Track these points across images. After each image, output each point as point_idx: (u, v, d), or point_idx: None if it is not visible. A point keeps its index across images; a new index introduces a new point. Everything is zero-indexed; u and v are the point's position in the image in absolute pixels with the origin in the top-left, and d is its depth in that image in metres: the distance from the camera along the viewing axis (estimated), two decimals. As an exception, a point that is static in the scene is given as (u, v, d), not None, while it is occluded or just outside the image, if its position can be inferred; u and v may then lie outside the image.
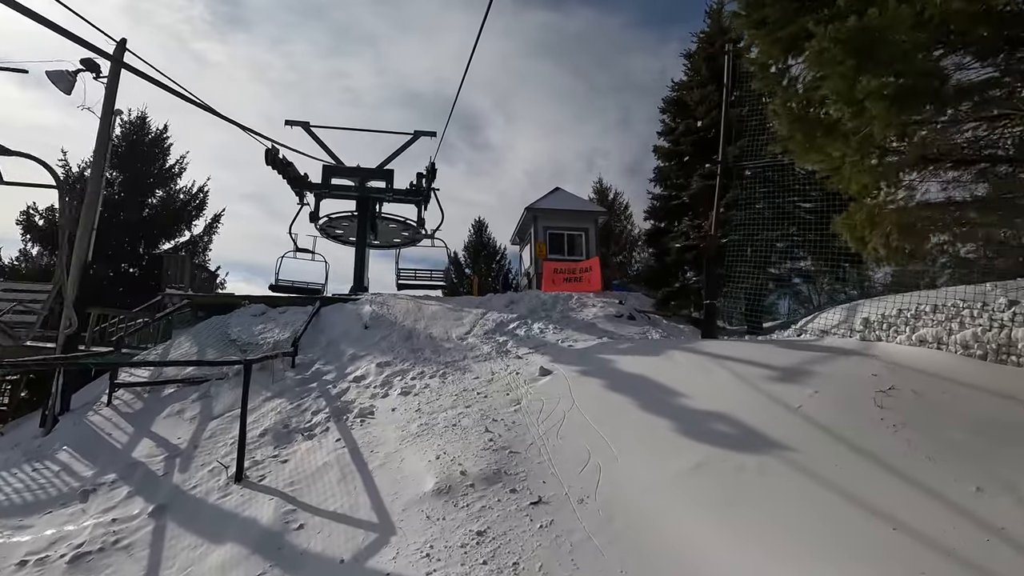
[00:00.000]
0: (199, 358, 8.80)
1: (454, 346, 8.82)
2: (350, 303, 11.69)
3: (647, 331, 9.97)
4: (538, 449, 4.85)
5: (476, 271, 31.98)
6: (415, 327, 10.05)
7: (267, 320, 10.60)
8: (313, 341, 9.46)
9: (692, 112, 13.18)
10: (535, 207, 15.65)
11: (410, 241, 16.81)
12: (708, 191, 11.39)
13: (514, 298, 12.17)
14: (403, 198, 13.98)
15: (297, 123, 13.42)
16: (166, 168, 22.32)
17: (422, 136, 14.41)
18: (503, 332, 9.65)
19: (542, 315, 10.80)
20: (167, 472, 5.55)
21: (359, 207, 14.24)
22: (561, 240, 15.57)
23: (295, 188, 12.89)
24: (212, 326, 10.07)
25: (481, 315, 10.94)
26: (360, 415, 6.29)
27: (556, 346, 8.33)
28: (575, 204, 16.09)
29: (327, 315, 10.94)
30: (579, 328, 9.73)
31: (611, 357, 7.09)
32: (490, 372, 7.21)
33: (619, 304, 11.62)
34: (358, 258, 14.28)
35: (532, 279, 15.61)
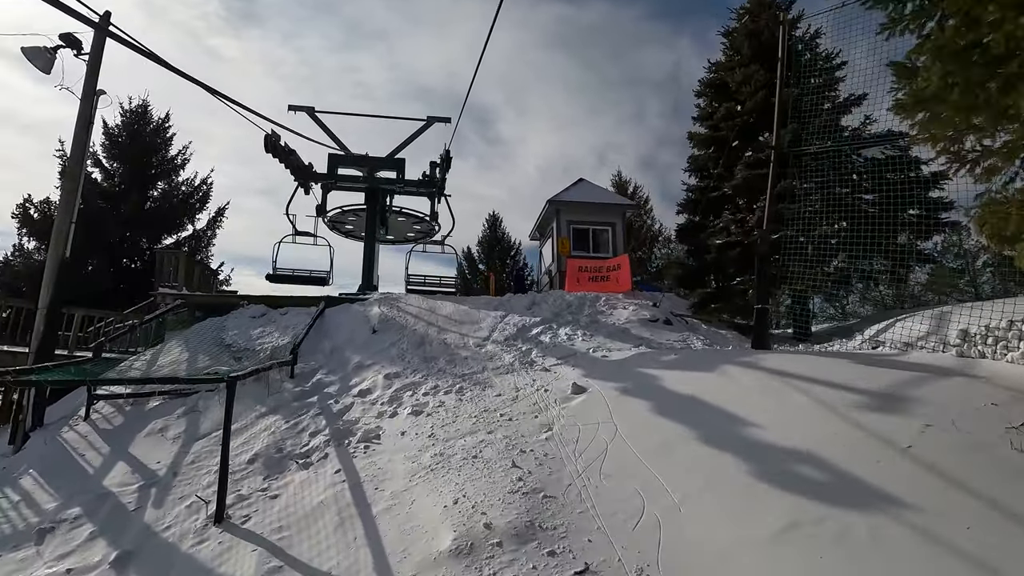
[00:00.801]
0: (189, 365, 8.19)
1: (471, 355, 8.08)
2: (357, 303, 11.02)
3: (687, 338, 9.13)
4: (578, 492, 4.08)
5: (491, 267, 31.22)
6: (428, 332, 9.34)
7: (267, 323, 9.97)
8: (315, 347, 8.80)
9: (733, 95, 12.23)
10: (558, 199, 14.81)
11: (423, 235, 16.14)
12: (756, 181, 10.48)
13: (536, 299, 11.40)
14: (415, 189, 13.26)
15: (301, 108, 12.76)
16: (168, 159, 21.88)
17: (436, 122, 13.68)
18: (526, 338, 8.89)
19: (568, 319, 10.01)
20: (139, 506, 4.90)
21: (368, 199, 13.56)
22: (586, 235, 14.73)
23: (298, 178, 12.24)
24: (206, 329, 9.46)
25: (500, 318, 10.19)
26: (364, 439, 5.57)
27: (588, 356, 7.54)
28: (601, 196, 15.23)
29: (332, 317, 10.29)
30: (611, 334, 8.92)
31: (654, 372, 6.28)
32: (514, 388, 6.45)
33: (653, 307, 10.78)
34: (367, 254, 13.62)
35: (554, 278, 14.81)
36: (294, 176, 12.12)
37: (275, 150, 10.47)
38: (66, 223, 7.33)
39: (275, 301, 10.83)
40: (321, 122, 13.02)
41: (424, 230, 15.93)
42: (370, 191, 13.35)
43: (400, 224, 15.49)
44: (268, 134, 10.05)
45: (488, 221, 31.27)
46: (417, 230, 15.87)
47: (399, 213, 14.65)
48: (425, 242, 14.71)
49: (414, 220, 15.01)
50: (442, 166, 12.06)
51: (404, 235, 16.74)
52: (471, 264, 31.35)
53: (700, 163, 13.07)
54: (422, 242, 14.50)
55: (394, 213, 14.61)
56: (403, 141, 13.51)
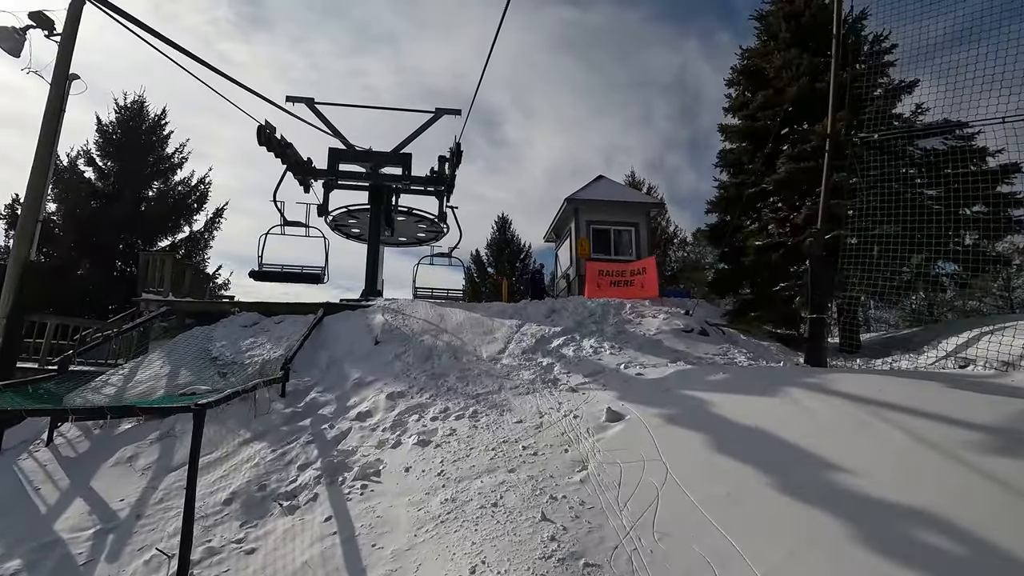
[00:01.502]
0: (169, 381, 7.49)
1: (485, 370, 7.30)
2: (359, 311, 10.30)
3: (727, 351, 8.29)
4: (628, 558, 3.28)
5: (500, 270, 30.51)
6: (436, 343, 8.58)
7: (259, 332, 9.26)
8: (311, 360, 8.07)
9: (771, 82, 11.40)
10: (576, 198, 14.03)
11: (431, 237, 15.43)
12: (800, 176, 9.62)
13: (555, 306, 10.61)
14: (422, 187, 12.54)
15: (300, 99, 12.10)
16: (165, 157, 21.41)
17: (445, 114, 12.95)
18: (546, 351, 8.10)
19: (592, 329, 9.21)
20: (91, 559, 4.16)
21: (372, 197, 12.86)
22: (606, 237, 13.91)
23: (296, 175, 11.56)
24: (192, 339, 8.78)
25: (517, 328, 9.41)
26: (362, 475, 4.81)
27: (619, 374, 6.73)
28: (622, 194, 14.42)
29: (331, 326, 9.57)
30: (642, 347, 8.10)
31: (702, 394, 5.46)
32: (536, 412, 5.65)
33: (685, 315, 9.94)
34: (370, 257, 12.90)
35: (572, 282, 14.01)
36: (292, 172, 11.45)
37: (269, 143, 9.79)
38: (31, 222, 6.66)
39: (269, 308, 10.13)
40: (321, 114, 12.35)
41: (432, 231, 15.22)
42: (374, 189, 12.64)
43: (406, 225, 14.78)
44: (261, 125, 9.37)
45: (497, 223, 31.02)
46: (424, 231, 15.15)
47: (407, 213, 13.93)
48: (433, 254, 14.25)
49: (421, 220, 14.28)
50: (452, 161, 11.33)
51: (411, 237, 16.03)
52: (480, 267, 30.79)
53: (733, 158, 12.23)
54: (429, 255, 14.04)
55: (401, 213, 13.90)
56: (410, 135, 12.80)
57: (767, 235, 10.16)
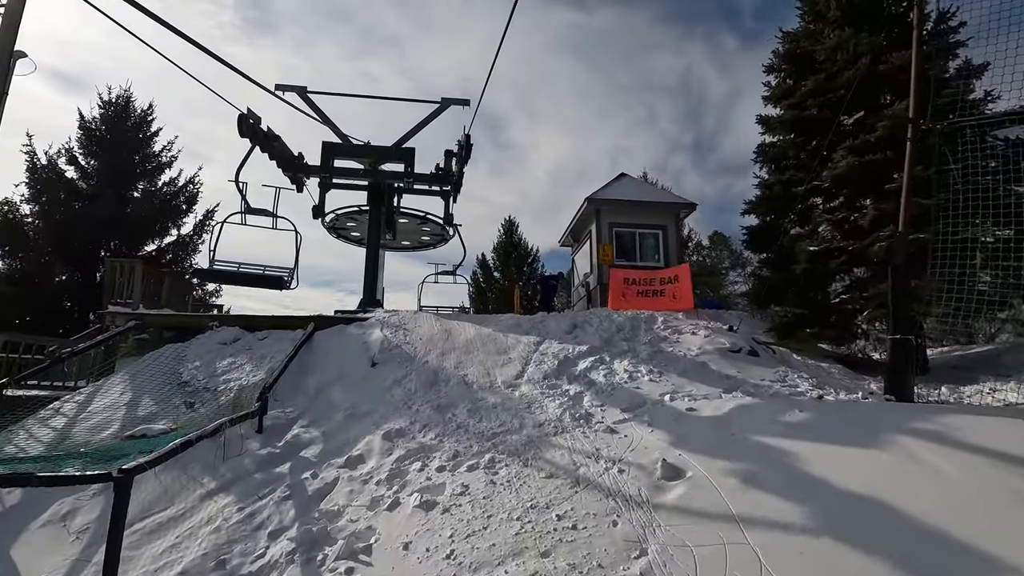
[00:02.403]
0: (129, 411, 6.58)
1: (502, 401, 6.31)
2: (355, 325, 9.36)
3: (785, 376, 7.27)
4: None
5: (506, 274, 29.60)
6: (443, 365, 7.62)
7: (239, 351, 8.33)
8: (297, 385, 7.14)
9: (821, 66, 10.39)
10: (598, 197, 13.03)
11: (435, 241, 14.52)
12: (863, 170, 8.59)
13: (577, 320, 9.62)
14: (426, 185, 11.62)
15: (291, 88, 11.21)
16: (151, 155, 20.65)
17: (452, 105, 12.03)
18: (572, 376, 7.11)
19: (623, 347, 8.22)
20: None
21: (371, 197, 11.94)
22: (632, 241, 12.90)
23: (286, 171, 10.66)
24: (161, 360, 7.86)
25: (535, 346, 8.44)
26: (348, 552, 3.83)
27: (666, 408, 5.72)
28: (648, 193, 13.42)
29: (322, 343, 8.63)
30: (687, 371, 7.09)
31: (781, 443, 4.44)
32: (570, 463, 4.65)
33: (729, 331, 8.92)
34: (369, 263, 11.99)
35: (593, 291, 13.00)
36: (280, 167, 10.55)
37: (253, 134, 8.88)
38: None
39: (252, 322, 9.21)
40: (315, 105, 11.46)
41: (437, 235, 14.28)
42: (373, 187, 11.73)
43: (409, 228, 13.84)
44: (242, 113, 8.46)
45: (504, 226, 30.45)
46: (429, 234, 14.22)
47: (410, 215, 13.00)
48: (437, 272, 13.42)
49: (425, 223, 13.35)
50: (460, 155, 10.38)
51: (414, 241, 15.11)
52: (486, 272, 30.11)
53: (777, 152, 11.20)
54: (434, 273, 13.41)
55: (404, 215, 12.98)
56: (413, 127, 11.88)
57: (822, 239, 9.11)
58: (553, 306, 15.77)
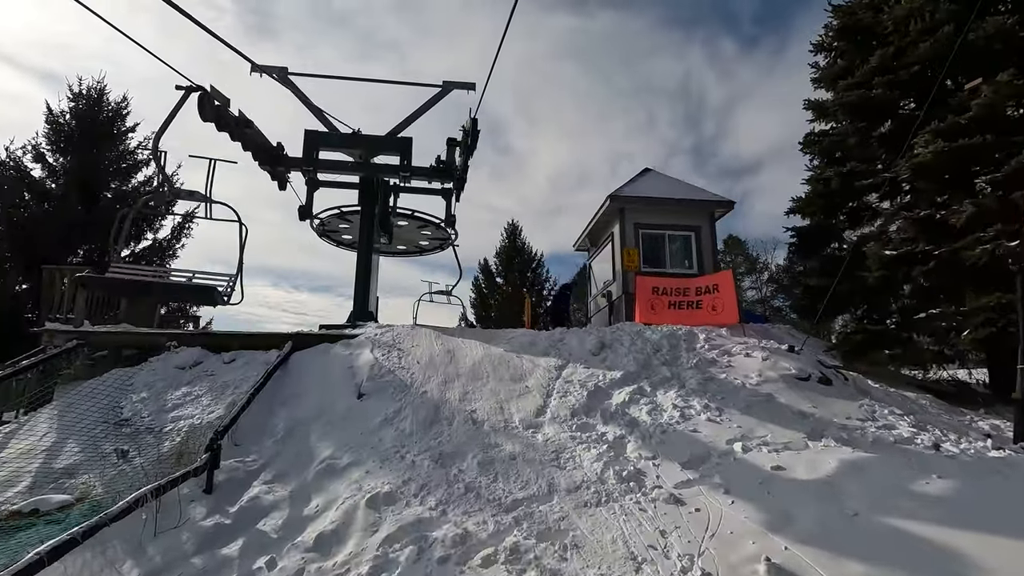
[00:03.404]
0: (48, 459, 5.41)
1: (522, 449, 5.09)
2: (341, 344, 8.18)
3: (873, 411, 6.04)
4: None
5: (510, 280, 28.49)
6: (445, 396, 6.42)
7: (198, 377, 7.15)
8: (264, 424, 5.95)
9: (888, 39, 9.18)
10: (622, 195, 11.79)
11: (436, 245, 13.40)
12: (951, 158, 7.36)
13: (605, 338, 8.41)
14: (426, 179, 10.46)
15: (270, 69, 10.06)
16: (126, 152, 19.58)
17: (455, 88, 10.87)
18: (608, 413, 5.89)
19: (665, 373, 7.00)
20: None
21: (363, 195, 10.78)
22: (660, 244, 11.68)
23: (263, 164, 9.50)
24: (102, 390, 6.65)
25: (556, 370, 7.24)
26: None
27: (740, 461, 4.51)
28: (677, 190, 12.20)
29: (300, 367, 7.46)
30: (752, 407, 5.86)
31: (934, 533, 3.22)
32: (627, 556, 3.41)
33: (790, 352, 7.69)
34: (360, 271, 10.81)
35: (616, 302, 11.78)
36: (256, 160, 9.39)
37: (218, 119, 7.70)
38: None
39: (218, 342, 8.02)
40: (298, 89, 10.30)
41: (437, 238, 13.13)
42: (365, 183, 10.57)
43: (407, 231, 12.70)
44: (204, 92, 7.27)
45: (507, 230, 30.00)
46: (428, 237, 13.08)
47: (410, 216, 11.87)
48: (432, 292, 12.34)
49: (425, 225, 12.21)
50: (464, 144, 9.20)
51: (411, 244, 13.97)
52: (488, 277, 29.43)
53: (833, 141, 9.98)
54: (429, 292, 12.21)
55: (401, 216, 11.83)
56: (411, 114, 10.72)
57: (901, 241, 7.86)
58: (567, 318, 14.54)
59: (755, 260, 31.32)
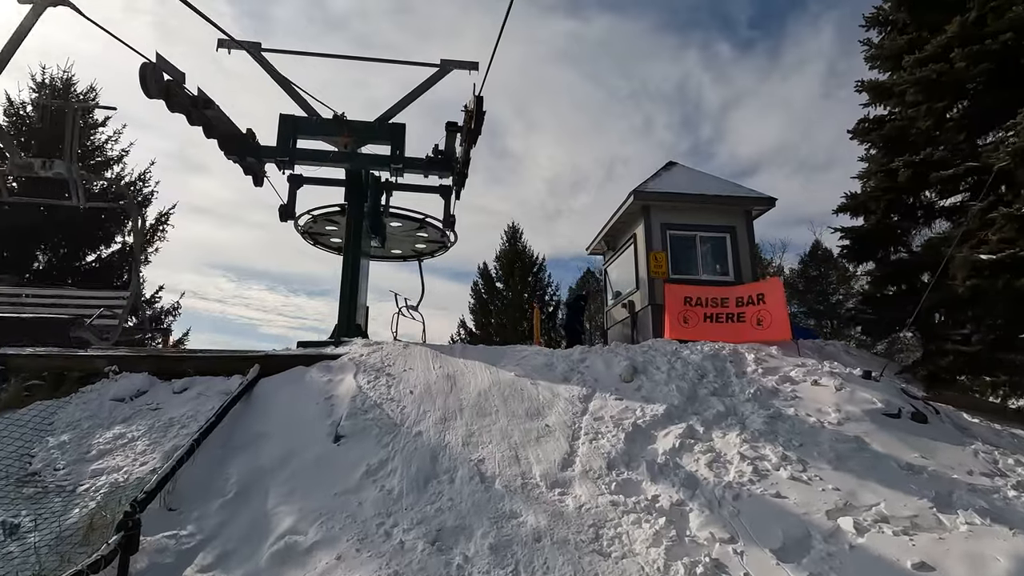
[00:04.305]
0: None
1: (547, 523, 3.92)
2: (319, 366, 7.05)
3: (994, 459, 4.86)
4: None
5: (510, 285, 27.38)
6: (444, 439, 5.27)
7: (138, 413, 5.99)
8: (210, 480, 4.80)
9: (965, 5, 8.03)
10: (647, 190, 10.57)
11: (438, 247, 12.35)
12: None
13: (636, 359, 7.26)
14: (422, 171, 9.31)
15: (240, 44, 8.91)
16: (93, 149, 18.44)
17: (454, 69, 9.73)
18: (656, 465, 4.72)
19: (718, 408, 5.84)
20: None
21: (350, 191, 9.64)
22: (690, 247, 10.49)
23: (229, 153, 8.34)
24: (13, 430, 5.47)
25: (581, 402, 6.11)
26: None
27: (856, 550, 3.34)
28: (708, 185, 11.02)
29: (266, 397, 6.32)
30: (842, 457, 4.69)
31: None
32: None
33: (865, 378, 6.52)
34: (346, 279, 9.68)
35: (640, 314, 10.59)
36: (221, 149, 8.25)
37: (168, 95, 6.54)
38: None
39: (169, 366, 6.86)
40: (272, 67, 9.14)
41: (436, 241, 11.99)
42: (352, 177, 9.43)
43: (401, 233, 11.56)
44: (147, 62, 6.10)
45: (507, 233, 29.38)
46: (426, 240, 11.96)
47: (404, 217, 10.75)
48: (401, 306, 11.33)
49: (421, 226, 11.08)
50: (467, 128, 8.03)
51: (407, 249, 12.82)
52: (488, 282, 28.65)
53: (897, 127, 8.80)
54: (397, 308, 11.06)
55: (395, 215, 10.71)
56: (404, 97, 9.57)
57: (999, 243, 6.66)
58: (580, 333, 13.35)
59: (767, 264, 30.26)
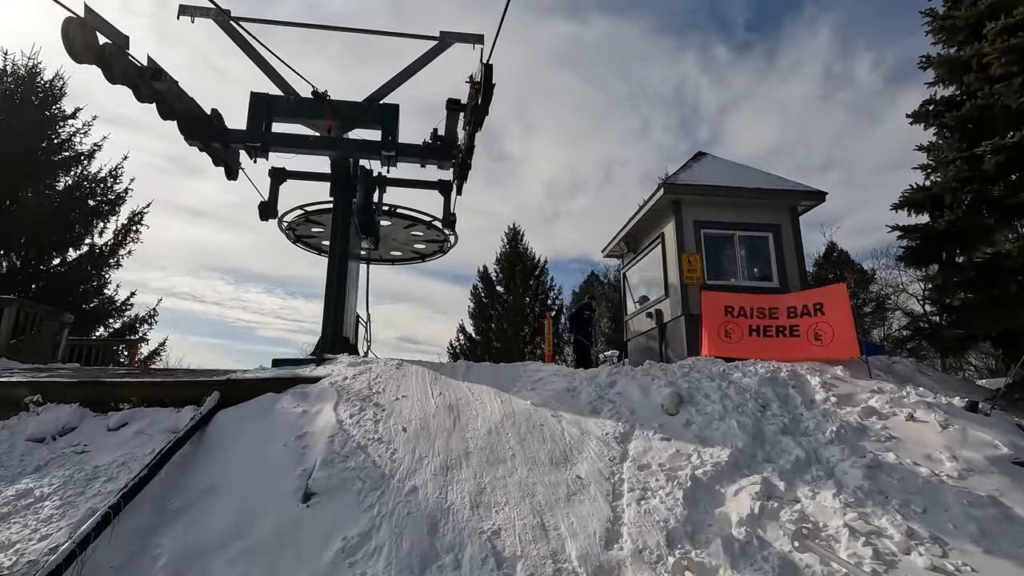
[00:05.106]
0: None
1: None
2: (292, 394, 5.96)
3: None
4: None
5: (511, 288, 26.41)
6: (446, 499, 4.19)
7: (59, 459, 4.94)
8: (128, 565, 3.65)
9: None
10: (677, 182, 9.40)
11: (437, 249, 11.33)
12: None
13: (678, 384, 6.14)
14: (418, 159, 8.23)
15: (205, 11, 7.82)
16: (60, 144, 17.39)
17: (456, 43, 8.62)
18: (732, 543, 3.61)
19: (793, 450, 4.76)
20: None
21: (335, 184, 8.56)
22: (729, 248, 9.32)
23: (191, 138, 7.24)
24: None
25: (619, 444, 5.04)
26: None
27: None
28: (751, 178, 9.86)
29: (223, 436, 5.27)
30: (985, 532, 3.60)
31: None
32: None
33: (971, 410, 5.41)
34: (331, 285, 8.57)
35: (669, 326, 9.44)
36: (182, 132, 7.16)
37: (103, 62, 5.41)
38: None
39: (106, 393, 5.74)
40: (243, 40, 8.04)
41: (435, 240, 10.93)
42: (337, 167, 8.33)
43: (396, 232, 10.51)
44: (71, 17, 4.98)
45: (508, 235, 29.04)
46: (424, 240, 10.91)
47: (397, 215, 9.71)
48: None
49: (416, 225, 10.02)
50: (471, 107, 6.93)
51: (406, 250, 11.76)
52: (488, 286, 28.09)
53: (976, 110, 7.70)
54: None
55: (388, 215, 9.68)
56: (398, 74, 8.46)
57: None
58: (589, 348, 12.18)
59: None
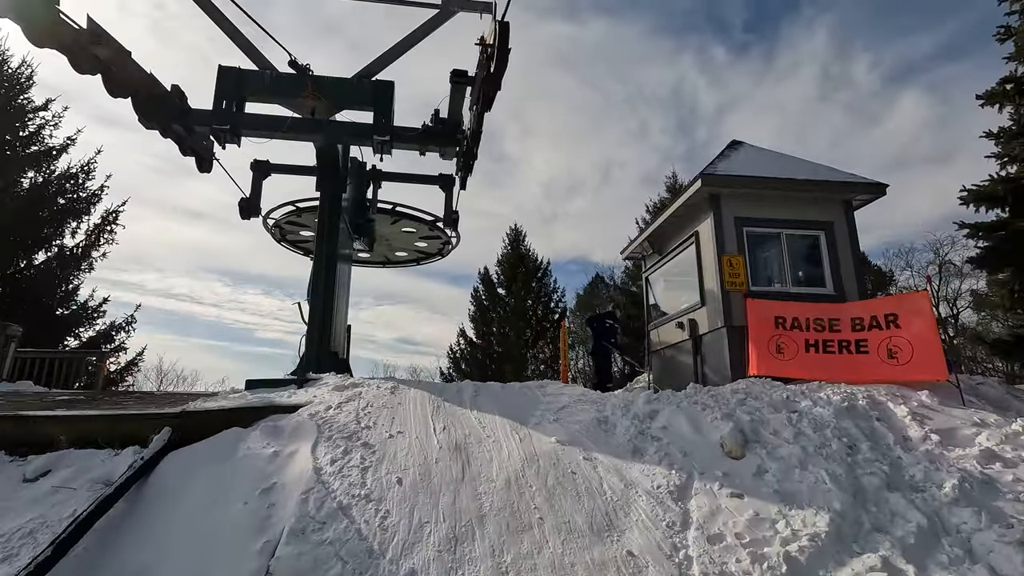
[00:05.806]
0: None
1: None
2: (263, 428, 5.04)
3: None
4: None
5: (512, 290, 25.89)
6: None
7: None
8: None
9: None
10: (716, 172, 8.30)
11: (437, 250, 10.50)
12: None
13: (737, 417, 5.14)
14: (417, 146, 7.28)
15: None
16: (27, 138, 16.53)
17: (462, 10, 7.66)
18: None
19: (906, 514, 3.82)
20: None
21: (321, 175, 7.57)
22: (775, 249, 8.26)
23: (149, 120, 6.28)
24: None
25: (675, 502, 4.11)
26: None
27: None
28: (797, 168, 8.82)
29: (165, 492, 4.38)
30: None
31: None
32: None
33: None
34: (315, 291, 7.58)
35: (710, 339, 8.41)
36: (137, 111, 6.18)
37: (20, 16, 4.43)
38: None
39: (31, 432, 4.74)
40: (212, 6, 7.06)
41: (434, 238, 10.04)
42: (325, 156, 7.35)
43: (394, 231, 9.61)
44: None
45: (509, 236, 29.20)
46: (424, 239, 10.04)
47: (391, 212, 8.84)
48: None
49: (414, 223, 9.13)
50: (481, 78, 5.94)
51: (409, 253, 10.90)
52: (489, 288, 28.00)
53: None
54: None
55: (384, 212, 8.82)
56: (393, 46, 7.48)
57: None
58: (610, 367, 11.14)
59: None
